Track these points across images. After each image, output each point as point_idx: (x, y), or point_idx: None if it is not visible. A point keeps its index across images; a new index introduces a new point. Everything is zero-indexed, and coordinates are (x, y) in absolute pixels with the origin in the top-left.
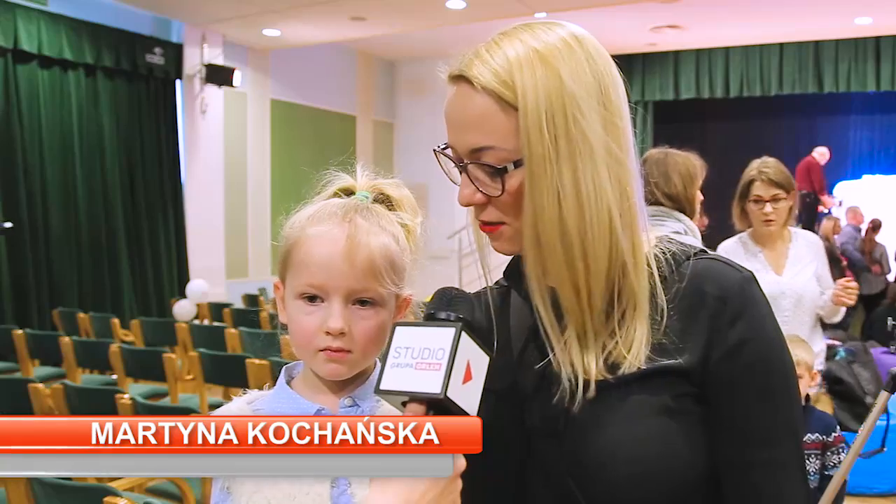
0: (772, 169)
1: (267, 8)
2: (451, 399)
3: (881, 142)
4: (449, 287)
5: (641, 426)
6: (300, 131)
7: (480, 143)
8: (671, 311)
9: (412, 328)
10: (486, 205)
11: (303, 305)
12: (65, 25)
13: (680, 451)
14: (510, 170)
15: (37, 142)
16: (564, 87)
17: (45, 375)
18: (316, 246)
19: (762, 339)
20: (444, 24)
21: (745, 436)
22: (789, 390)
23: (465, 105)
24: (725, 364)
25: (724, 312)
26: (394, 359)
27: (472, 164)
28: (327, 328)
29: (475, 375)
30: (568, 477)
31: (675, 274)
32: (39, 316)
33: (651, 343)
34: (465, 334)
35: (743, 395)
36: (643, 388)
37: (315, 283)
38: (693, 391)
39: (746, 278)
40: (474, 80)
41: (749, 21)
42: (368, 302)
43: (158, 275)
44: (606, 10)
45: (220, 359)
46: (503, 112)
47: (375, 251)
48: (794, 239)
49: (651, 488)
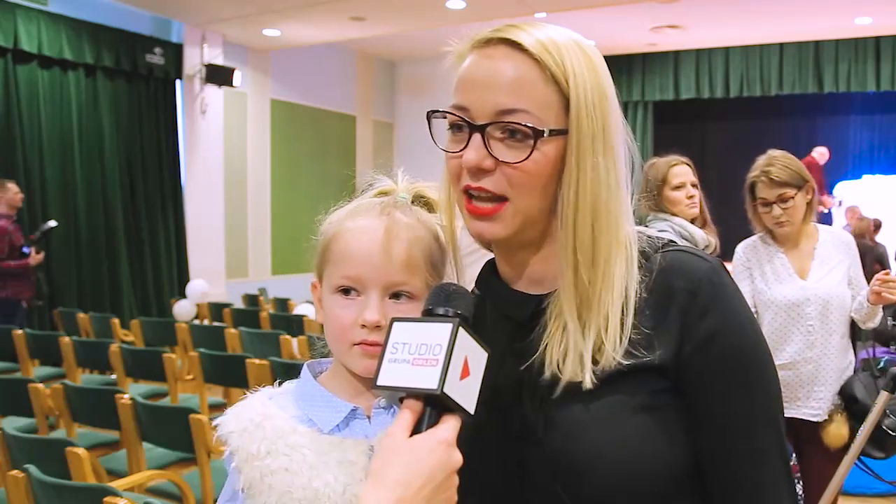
0: (776, 166)
1: (267, 8)
2: (448, 395)
3: (881, 142)
4: (447, 283)
5: (622, 427)
6: (300, 131)
7: (515, 104)
8: (644, 307)
9: (410, 323)
10: (491, 173)
11: (339, 299)
12: (65, 25)
13: (662, 447)
14: (546, 136)
15: (37, 142)
16: (601, 80)
17: (45, 375)
18: (354, 239)
19: (733, 329)
20: (444, 24)
21: (723, 427)
22: (766, 379)
23: (504, 66)
24: (698, 357)
25: (694, 305)
26: (391, 354)
27: (497, 125)
28: (363, 320)
29: (473, 371)
30: (554, 482)
31: (644, 268)
32: (39, 316)
33: (626, 340)
34: (463, 330)
35: (718, 387)
36: (620, 387)
37: (352, 275)
38: (669, 385)
39: (714, 268)
40: (525, 44)
41: (749, 21)
42: (405, 295)
43: (158, 275)
44: (606, 10)
45: (220, 359)
46: (544, 83)
47: (413, 245)
48: (822, 237)
49: (637, 487)
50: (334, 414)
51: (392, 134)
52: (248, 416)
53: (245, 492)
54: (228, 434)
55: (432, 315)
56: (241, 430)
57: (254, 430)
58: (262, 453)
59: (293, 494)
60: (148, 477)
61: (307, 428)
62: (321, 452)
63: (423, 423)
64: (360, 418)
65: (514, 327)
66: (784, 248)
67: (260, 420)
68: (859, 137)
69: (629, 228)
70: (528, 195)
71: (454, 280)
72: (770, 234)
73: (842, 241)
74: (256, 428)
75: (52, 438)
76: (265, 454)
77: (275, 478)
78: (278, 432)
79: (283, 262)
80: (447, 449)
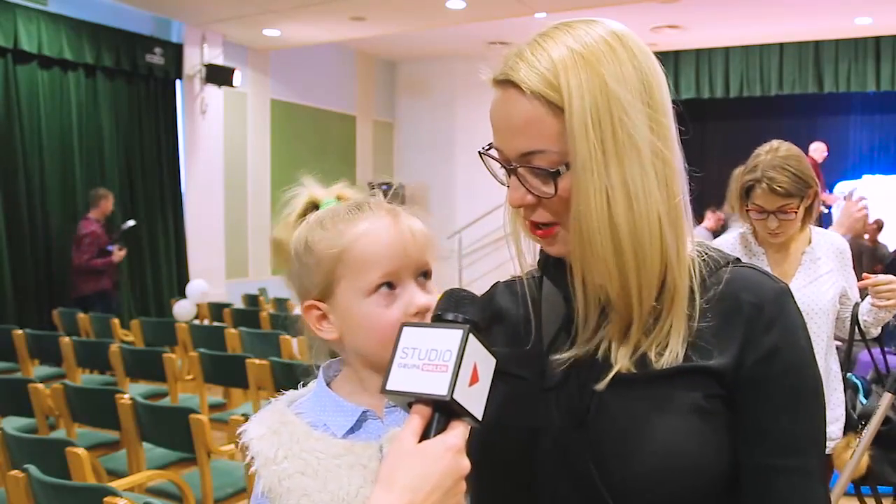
0: (781, 175)
1: (267, 8)
2: (458, 401)
3: (881, 142)
4: (457, 288)
5: (671, 421)
6: (300, 131)
7: (530, 147)
8: (707, 313)
9: (420, 329)
10: (537, 206)
11: (379, 299)
12: (65, 25)
13: (706, 449)
14: (563, 172)
15: (37, 142)
16: (609, 90)
17: (45, 375)
18: (374, 240)
19: (795, 348)
20: (444, 24)
21: (772, 442)
22: (817, 402)
23: (513, 110)
24: (759, 368)
25: (759, 319)
26: (401, 359)
27: (523, 168)
28: (416, 308)
29: (482, 378)
30: (591, 465)
31: (713, 277)
32: (39, 316)
33: (687, 342)
34: (473, 336)
35: (773, 401)
36: (675, 384)
37: (390, 270)
38: (723, 394)
39: (783, 290)
40: (522, 85)
41: (749, 21)
42: (429, 273)
43: (158, 275)
44: (606, 10)
45: (220, 359)
46: (552, 115)
47: (423, 232)
48: (814, 241)
49: (673, 482)
50: (346, 418)
51: (392, 134)
52: (268, 422)
53: (266, 495)
54: (250, 440)
55: (442, 321)
56: (261, 435)
57: (272, 436)
58: (279, 458)
59: (310, 497)
60: (148, 477)
61: (322, 433)
62: (334, 456)
63: (431, 428)
64: (373, 419)
65: (571, 309)
66: (766, 249)
67: (278, 426)
68: (859, 137)
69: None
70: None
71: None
72: (754, 232)
73: (835, 249)
74: (274, 434)
75: (52, 438)
76: (282, 459)
77: (292, 481)
78: (294, 437)
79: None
80: (456, 455)
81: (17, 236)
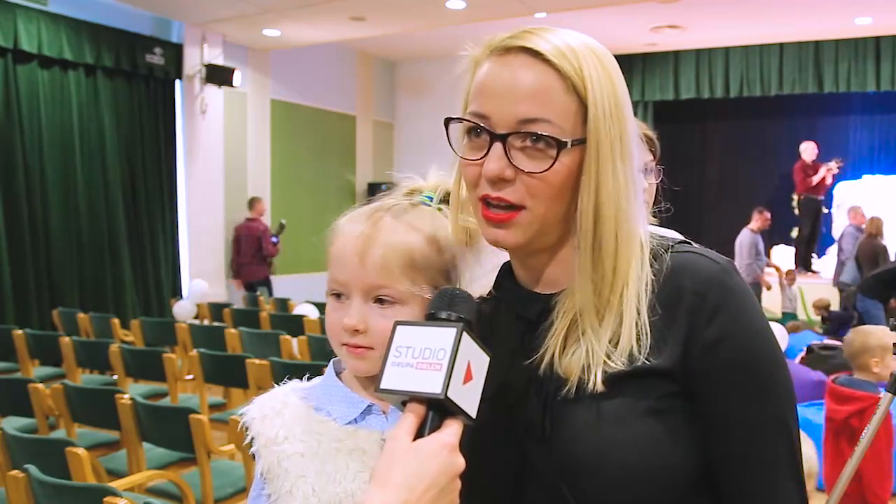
0: None
1: (267, 8)
2: (452, 399)
3: (881, 142)
4: (449, 287)
5: (629, 428)
6: (300, 131)
7: (537, 114)
8: (654, 306)
9: (413, 327)
10: (511, 183)
11: (331, 301)
12: (65, 25)
13: (669, 451)
14: (569, 147)
15: (37, 142)
16: (616, 86)
17: (45, 375)
18: (340, 244)
19: (743, 332)
20: (444, 24)
21: (731, 432)
22: (777, 384)
23: (524, 75)
24: (705, 360)
25: (702, 308)
26: (395, 358)
27: (518, 135)
28: (342, 325)
29: (475, 376)
30: (560, 481)
31: (654, 269)
32: (39, 316)
33: (637, 341)
34: (466, 335)
35: (726, 391)
36: (628, 390)
37: (337, 279)
38: (677, 390)
39: (724, 269)
40: (545, 54)
41: (749, 21)
42: (387, 300)
43: (158, 275)
44: (606, 10)
45: (220, 359)
46: (565, 92)
47: (391, 249)
48: None
49: (642, 490)
50: (351, 409)
51: (392, 134)
52: (270, 404)
53: (264, 476)
54: (251, 420)
55: (436, 319)
56: (262, 416)
57: (273, 417)
58: (279, 438)
59: (307, 479)
60: (148, 477)
61: (324, 418)
62: (335, 440)
63: (426, 426)
64: (377, 414)
65: (525, 326)
66: None
67: (280, 408)
68: (859, 137)
69: (643, 230)
70: (545, 203)
71: (461, 282)
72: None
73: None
74: (276, 415)
75: (52, 438)
76: (283, 440)
77: (290, 462)
78: (296, 420)
79: (283, 261)
80: (450, 453)
81: (17, 236)
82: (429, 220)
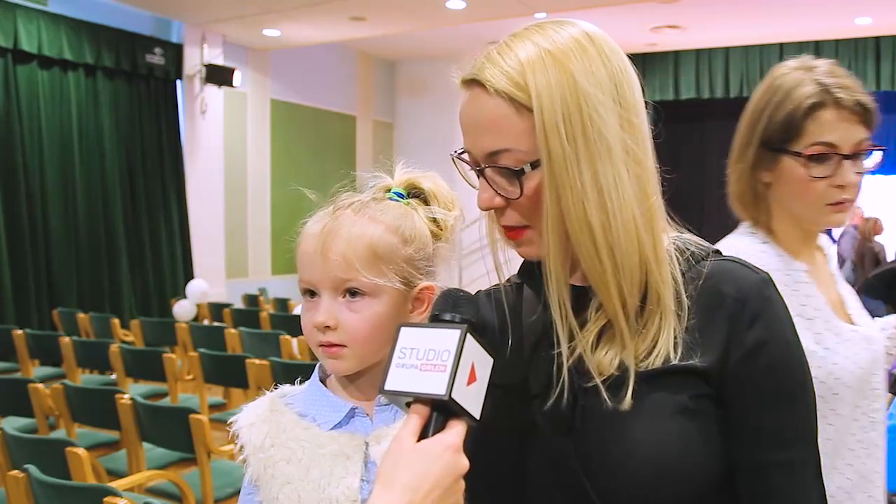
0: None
1: (267, 8)
2: (456, 400)
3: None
4: (454, 288)
5: (660, 425)
6: (300, 131)
7: (496, 146)
8: (690, 310)
9: (417, 329)
10: (506, 209)
11: (305, 301)
12: (65, 25)
13: (698, 451)
14: (527, 171)
15: (37, 142)
16: (578, 87)
17: (45, 375)
18: (302, 244)
19: (780, 341)
20: (444, 24)
21: (762, 437)
22: (806, 393)
23: (479, 109)
24: (744, 365)
25: (742, 313)
26: (399, 359)
27: (490, 168)
28: (314, 323)
29: (479, 377)
30: (581, 474)
31: (693, 272)
32: (39, 316)
33: (672, 341)
34: (470, 336)
35: (761, 397)
36: (662, 386)
37: (304, 279)
38: (711, 392)
39: (764, 280)
40: (487, 84)
41: (749, 21)
42: (357, 293)
43: (158, 275)
44: (606, 10)
45: (220, 359)
46: (517, 114)
47: (352, 242)
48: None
49: (666, 487)
50: (334, 413)
51: (392, 134)
52: (257, 411)
53: (255, 483)
54: (240, 428)
55: (440, 321)
56: (250, 424)
57: (261, 424)
58: (266, 446)
59: (293, 485)
60: (148, 477)
61: (309, 424)
62: (318, 445)
63: (430, 427)
64: (361, 416)
65: (550, 314)
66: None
67: (267, 415)
68: None
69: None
70: (542, 219)
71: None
72: (773, 237)
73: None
74: (263, 422)
75: (52, 438)
76: (269, 447)
77: (276, 469)
78: (282, 427)
79: (283, 262)
80: (455, 454)
81: (17, 236)
82: (392, 212)
